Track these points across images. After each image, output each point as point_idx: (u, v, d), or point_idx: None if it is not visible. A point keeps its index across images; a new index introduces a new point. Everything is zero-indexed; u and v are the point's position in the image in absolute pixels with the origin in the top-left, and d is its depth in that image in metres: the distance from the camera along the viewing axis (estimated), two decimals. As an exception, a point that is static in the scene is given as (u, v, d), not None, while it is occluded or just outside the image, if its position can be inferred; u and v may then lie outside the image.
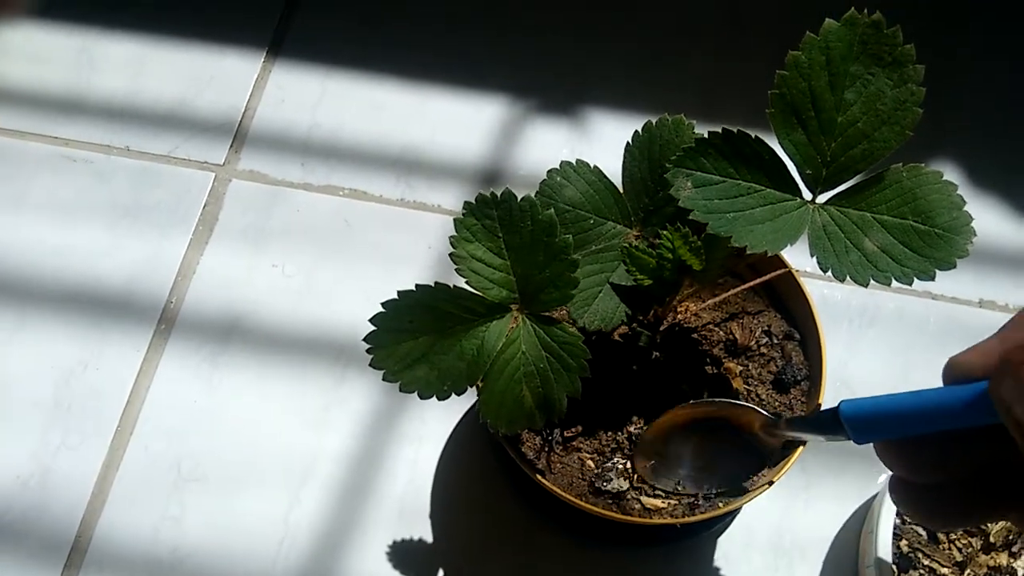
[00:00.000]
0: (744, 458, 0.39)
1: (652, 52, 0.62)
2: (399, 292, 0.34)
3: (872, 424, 0.28)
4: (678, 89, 0.60)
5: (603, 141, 0.59)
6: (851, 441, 0.30)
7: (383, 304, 0.34)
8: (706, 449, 0.40)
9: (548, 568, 0.47)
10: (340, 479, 0.49)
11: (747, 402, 0.42)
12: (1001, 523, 0.45)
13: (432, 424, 0.51)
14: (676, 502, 0.40)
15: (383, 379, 0.35)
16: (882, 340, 0.53)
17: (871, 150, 0.32)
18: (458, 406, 0.51)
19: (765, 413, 0.38)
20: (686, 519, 0.39)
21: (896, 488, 0.30)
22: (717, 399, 0.40)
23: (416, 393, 0.35)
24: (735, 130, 0.33)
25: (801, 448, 0.39)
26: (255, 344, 0.52)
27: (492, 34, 0.62)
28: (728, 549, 0.48)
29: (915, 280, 0.33)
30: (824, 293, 0.54)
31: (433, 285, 0.34)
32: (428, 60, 0.61)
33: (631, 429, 0.41)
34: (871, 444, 0.30)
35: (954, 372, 0.27)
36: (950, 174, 0.57)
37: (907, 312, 0.54)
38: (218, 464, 0.49)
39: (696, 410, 0.39)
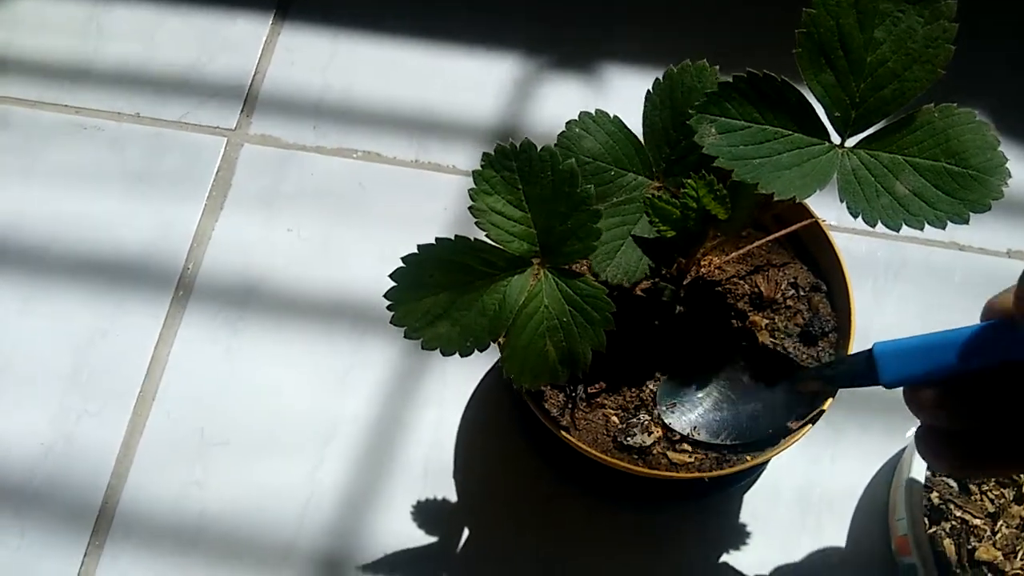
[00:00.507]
0: (768, 409, 0.39)
1: (669, 5, 0.60)
2: (419, 246, 0.34)
3: (906, 362, 0.28)
4: (696, 42, 0.59)
5: (620, 96, 0.57)
6: (881, 386, 0.30)
7: (403, 259, 0.34)
8: (728, 397, 0.39)
9: (572, 527, 0.47)
10: (362, 441, 0.49)
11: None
12: (1032, 474, 0.44)
13: (453, 385, 0.50)
14: (703, 456, 0.39)
15: (404, 336, 0.34)
16: (908, 292, 0.52)
17: (902, 90, 0.31)
18: (479, 367, 0.51)
19: (796, 361, 0.37)
20: (714, 472, 0.38)
21: (923, 437, 0.30)
22: (752, 344, 0.39)
23: (438, 350, 0.34)
24: (761, 72, 0.32)
25: (830, 401, 0.39)
26: (273, 308, 0.52)
27: (504, -11, 0.61)
28: (755, 505, 0.48)
29: (948, 224, 0.32)
30: (849, 246, 0.53)
31: (453, 238, 0.34)
32: (439, 18, 0.60)
33: (654, 385, 0.41)
34: (900, 396, 0.30)
35: (991, 312, 0.26)
36: (982, 117, 0.56)
37: (933, 263, 0.53)
38: (240, 428, 0.49)
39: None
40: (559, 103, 0.57)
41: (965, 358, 0.27)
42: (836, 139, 0.33)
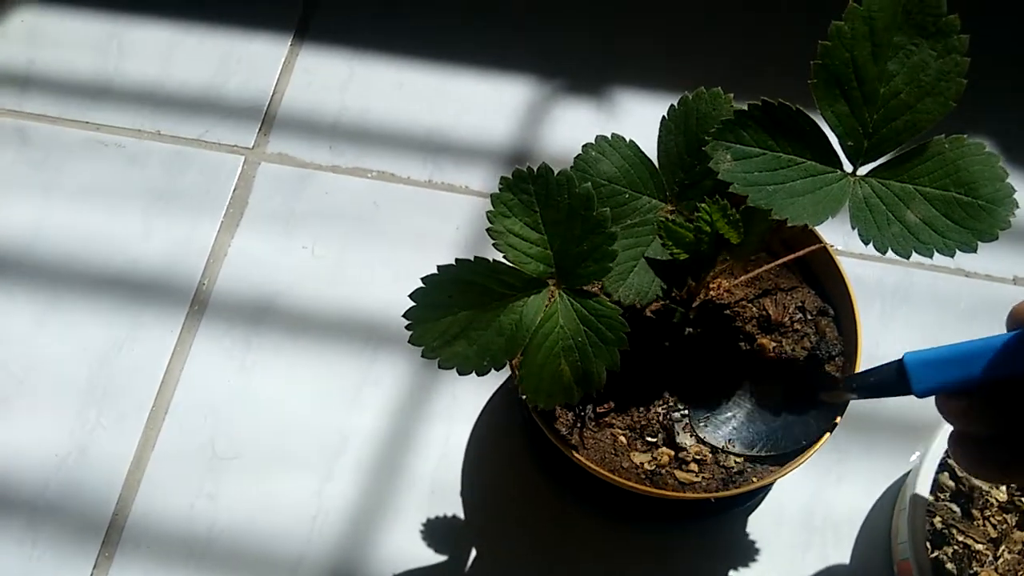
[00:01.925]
0: (800, 421, 0.39)
1: (681, 29, 0.61)
2: (439, 267, 0.34)
3: (937, 371, 0.29)
4: (707, 66, 0.60)
5: (632, 120, 0.58)
6: (912, 395, 0.31)
7: (423, 279, 0.34)
8: (761, 410, 0.40)
9: (579, 545, 0.48)
10: (372, 457, 0.50)
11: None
12: (1037, 500, 0.44)
13: (463, 403, 0.51)
14: (710, 476, 0.40)
15: (422, 355, 0.35)
16: (915, 318, 0.53)
17: (914, 121, 0.32)
18: (488, 385, 0.51)
19: (829, 373, 0.38)
20: (720, 493, 0.39)
21: (956, 442, 0.30)
22: (788, 358, 0.40)
23: (455, 369, 0.35)
24: (776, 101, 0.33)
25: (838, 419, 0.39)
26: (287, 325, 0.53)
27: (518, 14, 0.62)
28: (760, 526, 0.48)
29: (956, 252, 0.33)
30: (857, 271, 0.54)
31: (472, 260, 0.34)
32: (454, 41, 0.61)
33: (662, 407, 0.41)
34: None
35: (1017, 319, 0.27)
36: (991, 148, 0.56)
37: (940, 290, 0.53)
38: (252, 443, 0.50)
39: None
40: (571, 125, 0.58)
41: (996, 366, 0.27)
42: (849, 167, 0.34)
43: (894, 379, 0.32)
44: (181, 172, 0.57)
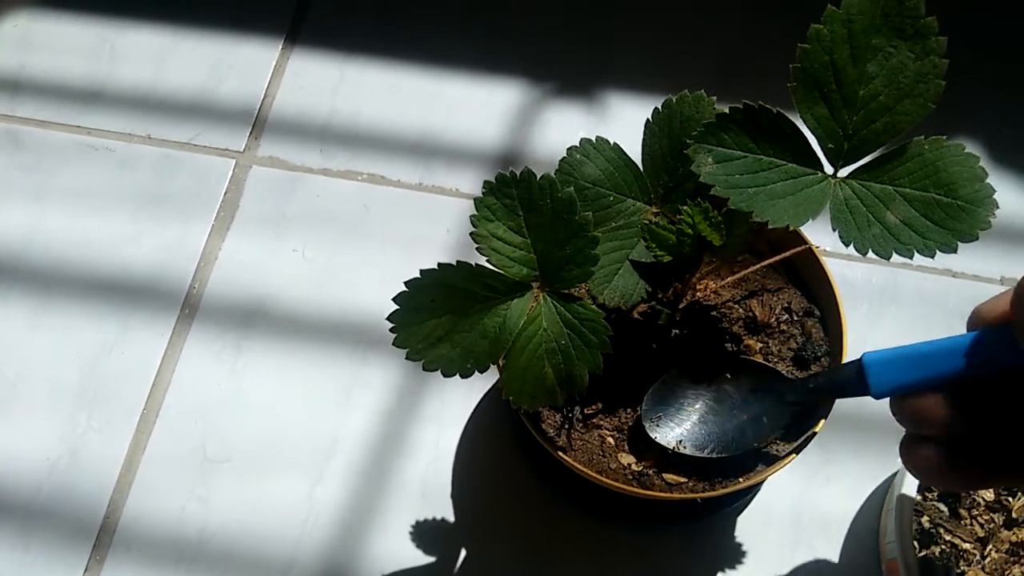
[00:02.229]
0: (755, 422, 0.39)
1: (669, 32, 0.62)
2: (422, 271, 0.34)
3: (896, 371, 0.29)
4: (696, 69, 0.60)
5: (621, 122, 0.59)
6: (870, 396, 0.31)
7: (406, 283, 0.35)
8: (715, 410, 0.39)
9: (569, 546, 0.48)
10: (362, 460, 0.50)
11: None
12: None
13: (452, 405, 0.51)
14: (696, 478, 0.40)
15: (407, 358, 0.35)
16: (902, 318, 0.53)
17: (893, 123, 0.32)
18: (478, 388, 0.51)
19: (784, 374, 0.38)
20: (706, 494, 0.39)
21: (909, 447, 0.30)
22: (740, 357, 0.40)
23: (439, 371, 0.35)
24: (756, 104, 0.33)
25: (823, 422, 0.39)
26: (277, 328, 0.53)
27: (509, 18, 0.62)
28: (749, 526, 0.48)
29: (937, 253, 0.33)
30: (844, 272, 0.54)
31: (455, 264, 0.34)
32: (445, 45, 0.61)
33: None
34: (894, 419, 0.31)
35: (980, 320, 0.27)
36: (971, 148, 0.57)
37: (927, 290, 0.54)
38: (243, 446, 0.50)
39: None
40: (562, 128, 0.59)
41: (956, 365, 0.27)
42: (829, 169, 0.34)
43: (853, 379, 0.31)
44: (172, 176, 0.57)
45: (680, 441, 0.39)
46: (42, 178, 0.57)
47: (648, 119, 0.38)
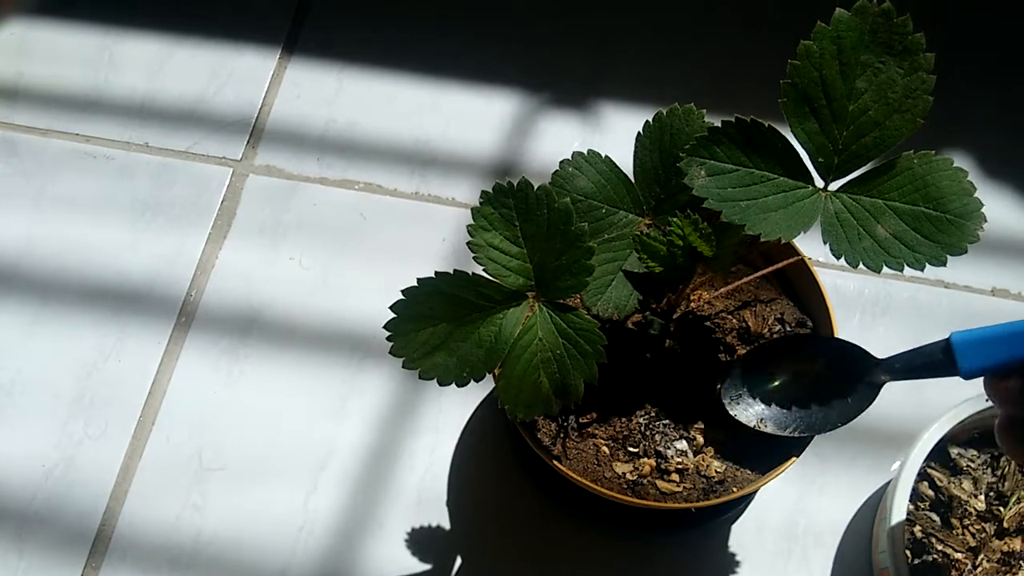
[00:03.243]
0: (839, 402, 0.38)
1: (664, 46, 0.62)
2: (419, 280, 0.35)
3: (985, 352, 0.28)
4: (691, 81, 0.61)
5: (615, 133, 0.59)
6: (959, 377, 0.30)
7: (403, 292, 0.35)
8: (797, 390, 0.39)
9: (563, 555, 0.48)
10: (358, 468, 0.50)
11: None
12: (1015, 508, 0.45)
13: (448, 414, 0.51)
14: (691, 486, 0.40)
15: (403, 366, 0.35)
16: (894, 329, 0.53)
17: (882, 138, 0.33)
18: (473, 396, 0.52)
19: (870, 354, 0.37)
20: (701, 503, 0.39)
21: (1005, 427, 0.29)
22: (827, 337, 0.39)
23: (435, 380, 0.35)
24: (748, 119, 0.33)
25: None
26: (273, 336, 0.53)
27: (505, 29, 0.63)
28: (743, 535, 0.48)
29: (927, 266, 0.33)
30: (837, 283, 0.54)
31: (452, 272, 0.35)
32: (441, 56, 0.62)
33: (644, 417, 0.42)
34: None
35: None
36: (962, 164, 0.57)
37: (920, 301, 0.54)
38: (238, 454, 0.50)
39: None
40: (557, 138, 0.59)
41: None
42: (820, 183, 0.35)
43: (939, 359, 0.31)
44: (169, 184, 0.58)
45: (761, 419, 0.39)
46: (40, 186, 0.58)
47: (639, 132, 0.38)
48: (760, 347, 0.40)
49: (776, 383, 0.39)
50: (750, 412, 0.39)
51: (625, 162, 0.40)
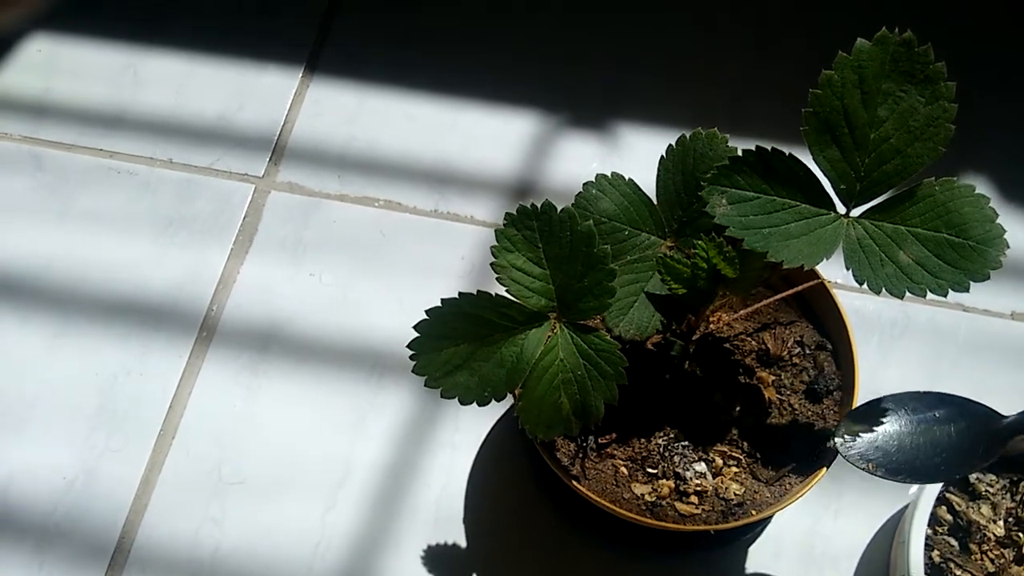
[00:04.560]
0: (954, 455, 0.38)
1: (682, 68, 0.63)
2: (442, 300, 0.35)
3: None
4: (708, 104, 0.61)
5: (634, 154, 0.59)
6: None
7: (427, 311, 0.35)
8: (916, 437, 0.39)
9: (580, 574, 0.48)
10: (376, 484, 0.50)
11: (780, 412, 0.42)
12: (1033, 535, 0.45)
13: (466, 431, 0.52)
14: (710, 508, 0.40)
15: (425, 385, 0.36)
16: (912, 351, 0.53)
17: (904, 165, 0.33)
18: (491, 414, 0.52)
19: (994, 411, 0.37)
20: (719, 526, 0.39)
21: None
22: (952, 394, 0.39)
23: (457, 399, 0.36)
24: (769, 148, 0.34)
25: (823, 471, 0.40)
26: (293, 352, 0.54)
27: (524, 50, 0.63)
28: (759, 558, 0.48)
29: (949, 292, 0.33)
30: (856, 304, 0.54)
31: (475, 293, 0.35)
32: (461, 75, 0.62)
33: (663, 439, 0.42)
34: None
35: None
36: (982, 189, 0.57)
37: (938, 324, 0.54)
38: (258, 469, 0.51)
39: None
40: (576, 158, 0.60)
41: None
42: (842, 209, 0.35)
43: None
44: (192, 200, 0.58)
45: (875, 464, 0.39)
46: (65, 200, 0.58)
47: (663, 155, 0.39)
48: (879, 399, 0.40)
49: (895, 428, 0.39)
50: (864, 457, 0.39)
51: (645, 183, 0.40)
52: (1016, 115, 0.60)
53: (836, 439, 0.39)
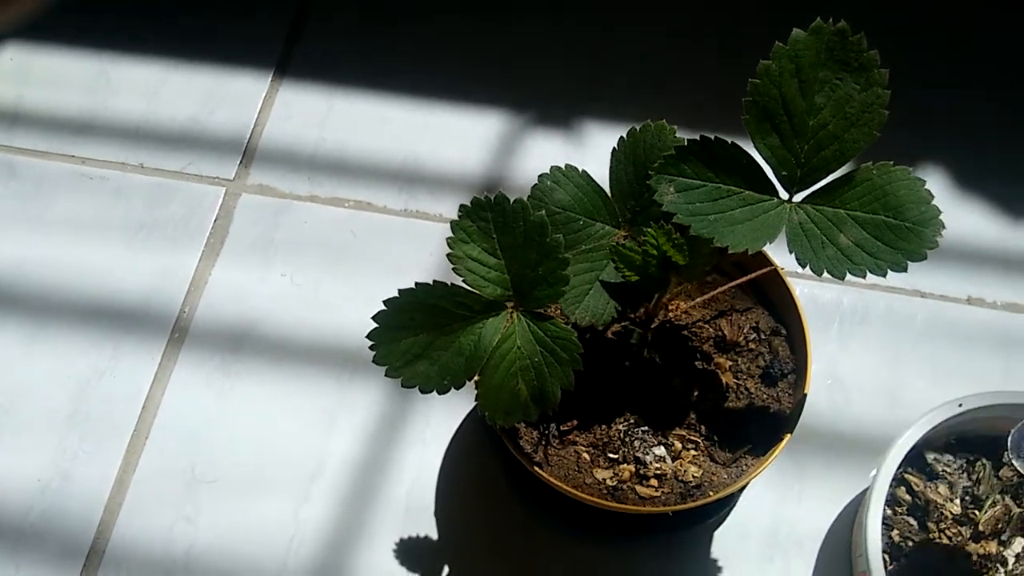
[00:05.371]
0: None
1: (647, 68, 0.64)
2: (400, 290, 0.36)
3: None
4: (675, 101, 0.62)
5: (598, 151, 0.60)
6: None
7: (385, 302, 0.36)
8: None
9: (548, 561, 0.49)
10: (348, 480, 0.51)
11: (737, 396, 0.43)
12: (990, 512, 0.46)
13: (436, 427, 0.52)
14: (669, 491, 0.41)
15: (386, 374, 0.37)
16: (872, 337, 0.54)
17: (842, 151, 0.34)
18: (460, 408, 0.53)
19: None
20: (678, 507, 0.40)
21: None
22: None
23: (417, 388, 0.37)
24: (712, 137, 0.35)
25: (788, 436, 0.41)
26: (265, 351, 0.54)
27: (491, 51, 0.64)
28: (724, 542, 0.49)
29: (888, 272, 0.34)
30: (815, 293, 0.56)
31: (432, 283, 0.36)
32: (430, 77, 0.63)
33: (623, 424, 0.43)
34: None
35: None
36: (940, 178, 0.58)
37: (896, 310, 0.55)
38: (230, 467, 0.51)
39: None
40: (541, 156, 0.61)
41: None
42: (784, 195, 0.36)
43: None
44: (164, 204, 0.59)
45: None
46: (38, 206, 0.59)
47: (614, 147, 0.40)
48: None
49: None
50: None
51: (605, 177, 0.41)
52: (970, 101, 0.61)
53: (1011, 450, 0.40)
